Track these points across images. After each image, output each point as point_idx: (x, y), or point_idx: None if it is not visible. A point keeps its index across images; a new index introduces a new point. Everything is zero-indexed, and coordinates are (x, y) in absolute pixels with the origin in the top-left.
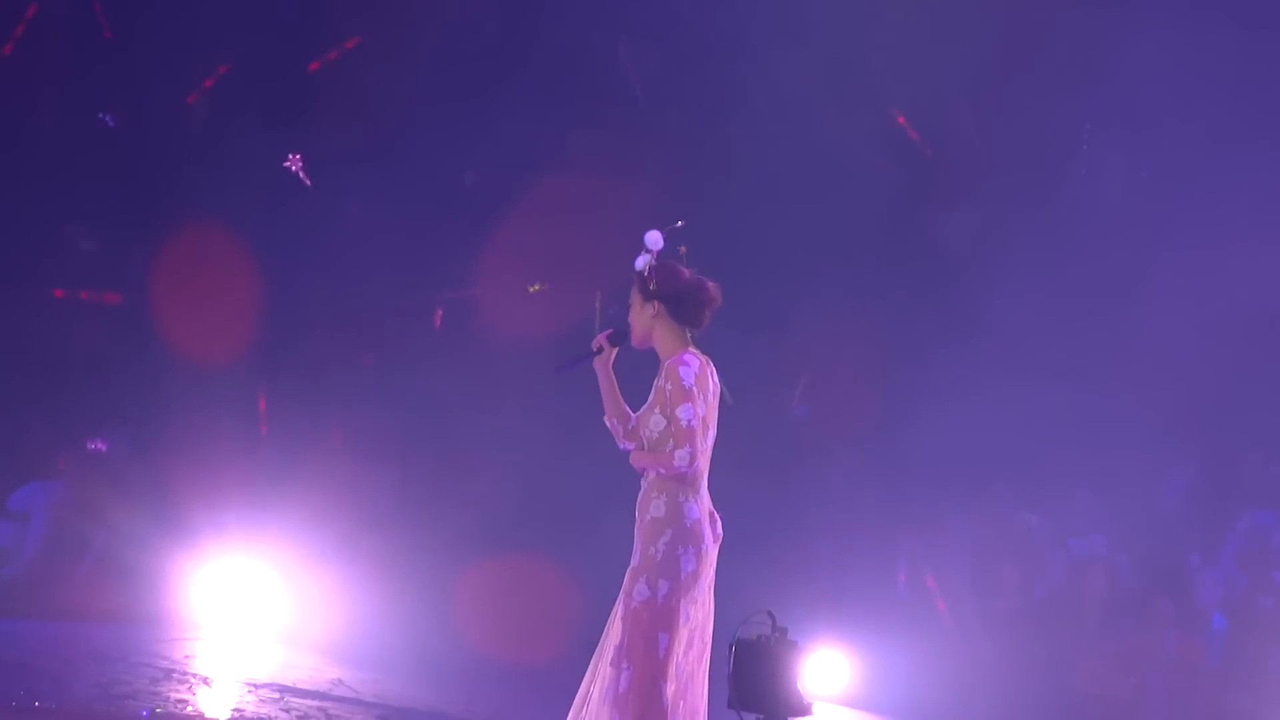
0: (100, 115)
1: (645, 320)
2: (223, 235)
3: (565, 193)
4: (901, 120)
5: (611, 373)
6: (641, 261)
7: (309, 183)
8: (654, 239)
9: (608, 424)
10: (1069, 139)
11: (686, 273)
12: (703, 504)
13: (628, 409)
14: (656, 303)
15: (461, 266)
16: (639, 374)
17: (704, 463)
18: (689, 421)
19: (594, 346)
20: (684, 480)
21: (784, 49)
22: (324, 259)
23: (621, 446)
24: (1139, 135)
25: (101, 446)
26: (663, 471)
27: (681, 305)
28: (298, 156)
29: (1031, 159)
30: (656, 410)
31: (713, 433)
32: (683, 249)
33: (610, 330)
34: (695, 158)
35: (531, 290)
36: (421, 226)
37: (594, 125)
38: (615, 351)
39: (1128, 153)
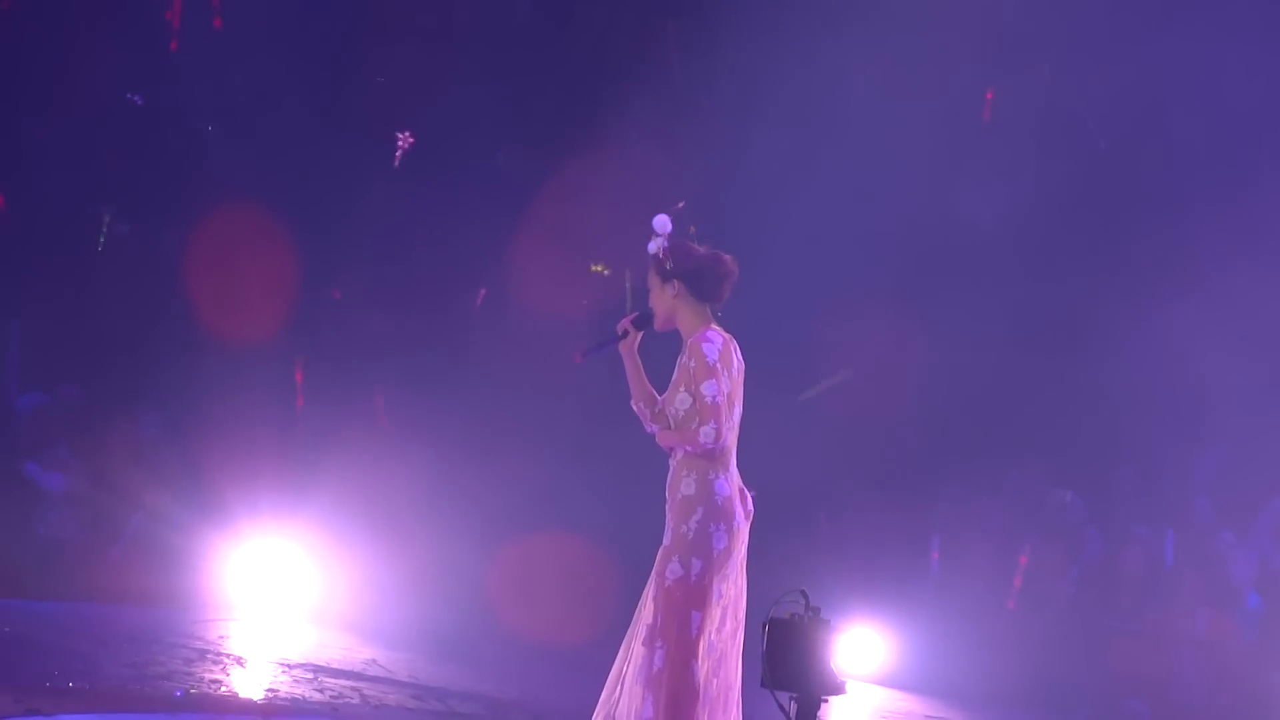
0: (128, 96)
1: (667, 301)
2: (256, 216)
3: (598, 172)
4: (990, 96)
5: (637, 357)
6: (654, 245)
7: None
8: (662, 222)
9: (635, 408)
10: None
11: (700, 249)
12: (732, 480)
13: (654, 392)
14: (676, 281)
15: (493, 246)
16: (665, 357)
17: (731, 439)
18: (714, 398)
19: (619, 331)
20: (712, 457)
21: (820, 24)
22: (357, 239)
23: (649, 430)
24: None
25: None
26: (690, 449)
27: (701, 281)
28: (408, 135)
29: (1066, 134)
30: (682, 388)
31: (739, 409)
32: (692, 228)
33: (635, 314)
34: (728, 138)
35: (595, 270)
36: (454, 205)
37: (627, 104)
38: (640, 336)
39: (1154, 128)
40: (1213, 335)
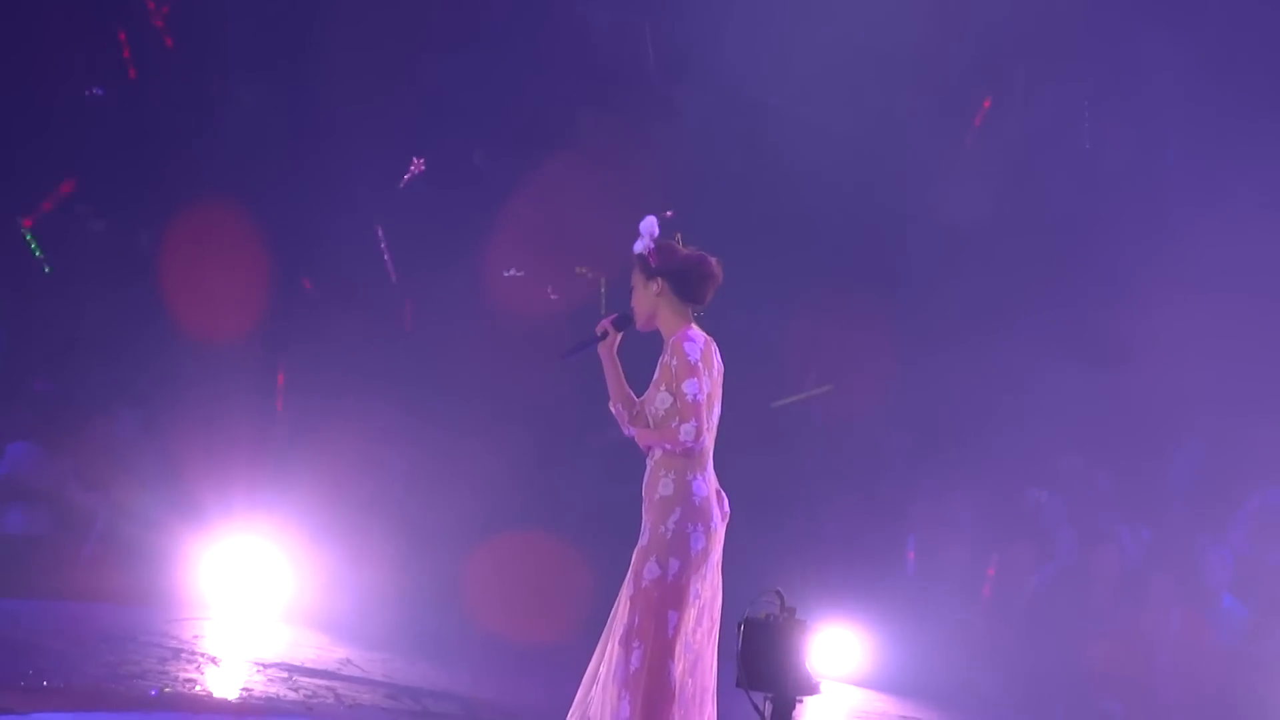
0: (89, 90)
1: (649, 300)
2: (232, 212)
3: (575, 171)
4: (987, 104)
5: (616, 358)
6: (640, 245)
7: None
8: (649, 225)
9: (612, 410)
10: (1073, 114)
11: (685, 250)
12: (710, 481)
13: (632, 394)
14: (660, 280)
15: (470, 246)
16: (647, 358)
17: (710, 440)
18: (694, 396)
19: (598, 331)
20: (691, 457)
21: (795, 25)
22: (332, 236)
23: (626, 433)
24: (1143, 110)
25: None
26: (669, 447)
27: (684, 280)
28: (420, 161)
29: (1039, 137)
30: (663, 387)
31: (718, 410)
32: (678, 235)
33: (615, 315)
34: (705, 135)
35: (507, 275)
36: (430, 204)
37: (603, 103)
38: (620, 337)
39: (1132, 130)
40: (1196, 333)
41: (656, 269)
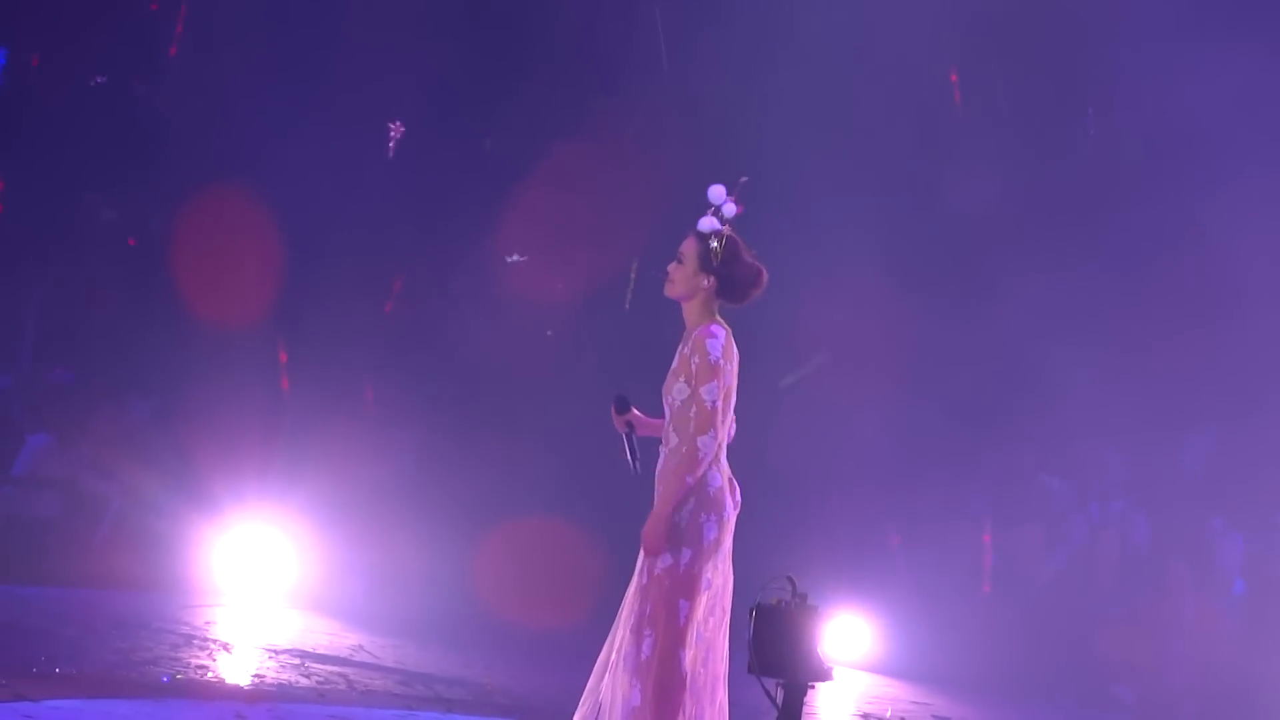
0: (94, 80)
1: (693, 284)
2: (242, 200)
3: (585, 158)
4: (954, 79)
5: (645, 422)
6: (708, 225)
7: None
8: (718, 194)
9: None
10: (1079, 99)
11: (748, 256)
12: (723, 471)
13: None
14: (712, 277)
15: (481, 232)
16: (666, 343)
17: (724, 433)
18: (713, 403)
19: (623, 431)
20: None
21: (808, 11)
22: (344, 223)
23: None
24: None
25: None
26: (693, 476)
27: (733, 288)
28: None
29: (1047, 119)
30: (681, 378)
31: (734, 400)
32: (743, 179)
33: (613, 403)
34: (716, 122)
35: (509, 260)
36: (440, 190)
37: (614, 90)
38: (633, 411)
39: (1137, 113)
40: (1199, 320)
41: (715, 268)
